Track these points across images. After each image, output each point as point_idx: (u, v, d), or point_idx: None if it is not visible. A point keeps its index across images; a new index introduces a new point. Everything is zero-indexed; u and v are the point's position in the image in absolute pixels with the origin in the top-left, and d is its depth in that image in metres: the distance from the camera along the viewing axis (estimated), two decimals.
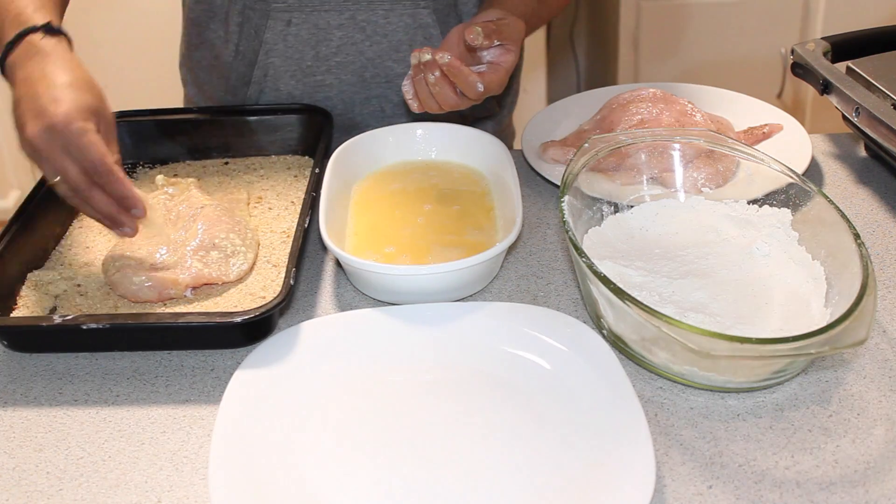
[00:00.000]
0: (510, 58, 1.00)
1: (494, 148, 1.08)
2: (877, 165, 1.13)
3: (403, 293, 0.91)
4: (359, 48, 1.17)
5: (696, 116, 1.09)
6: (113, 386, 0.86)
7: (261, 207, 1.06)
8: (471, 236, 0.98)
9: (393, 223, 1.01)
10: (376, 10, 1.15)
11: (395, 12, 1.15)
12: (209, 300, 0.92)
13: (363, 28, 1.15)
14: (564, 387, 0.81)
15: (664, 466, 0.75)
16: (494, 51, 0.99)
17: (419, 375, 0.84)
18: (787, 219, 0.92)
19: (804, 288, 0.87)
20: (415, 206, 1.04)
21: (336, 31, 1.15)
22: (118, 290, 0.92)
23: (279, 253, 0.99)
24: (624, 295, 0.78)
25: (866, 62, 1.09)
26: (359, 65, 1.18)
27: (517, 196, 0.97)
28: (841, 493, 0.72)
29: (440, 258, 0.95)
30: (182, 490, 0.75)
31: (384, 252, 0.96)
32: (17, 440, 0.80)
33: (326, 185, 1.00)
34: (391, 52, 1.17)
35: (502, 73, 0.99)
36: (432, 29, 1.17)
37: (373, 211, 1.03)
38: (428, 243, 0.97)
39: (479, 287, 0.94)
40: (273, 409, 0.80)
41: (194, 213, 0.98)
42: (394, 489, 0.73)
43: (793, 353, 0.74)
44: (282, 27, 1.15)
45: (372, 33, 1.16)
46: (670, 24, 2.31)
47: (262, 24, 1.15)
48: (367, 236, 0.99)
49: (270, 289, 0.93)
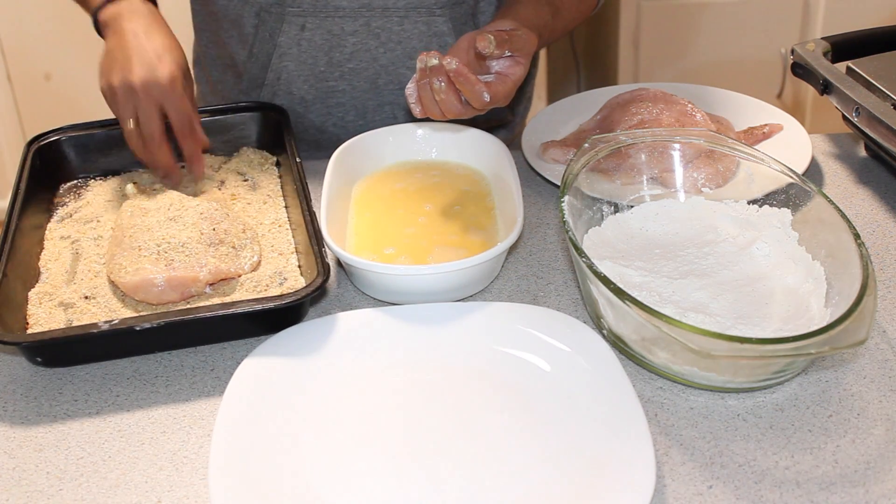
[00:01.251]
0: (519, 70, 0.97)
1: (495, 148, 1.07)
2: (877, 165, 1.13)
3: (405, 293, 0.91)
4: (373, 55, 1.16)
5: (696, 116, 1.09)
6: (113, 386, 0.86)
7: (240, 204, 1.05)
8: (472, 236, 0.98)
9: (394, 223, 1.01)
10: (391, 17, 1.14)
11: (410, 20, 1.15)
12: (233, 293, 0.92)
13: (377, 35, 1.15)
14: (564, 387, 0.81)
15: (664, 466, 0.75)
16: (504, 61, 0.97)
17: (419, 375, 0.84)
18: (787, 219, 0.92)
19: (804, 288, 0.87)
20: (416, 206, 1.04)
21: (350, 37, 1.15)
22: (138, 294, 0.91)
23: (280, 241, 0.99)
24: (624, 295, 0.78)
25: (866, 62, 1.09)
26: (372, 71, 1.17)
27: (518, 196, 0.97)
28: (841, 493, 0.72)
29: (441, 258, 0.95)
30: (182, 490, 0.75)
31: (385, 252, 0.96)
32: (17, 440, 0.80)
33: (327, 185, 0.99)
34: (405, 59, 1.17)
35: (510, 85, 0.96)
36: (448, 37, 1.16)
37: (374, 211, 1.03)
38: (429, 243, 0.97)
39: (481, 287, 0.94)
40: (273, 409, 0.80)
41: (190, 211, 0.98)
42: (394, 489, 0.73)
43: (793, 353, 0.74)
44: (296, 31, 1.15)
45: (386, 40, 1.15)
46: (670, 24, 2.31)
47: (276, 28, 1.15)
48: (368, 236, 0.99)
49: (285, 274, 0.94)
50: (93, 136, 1.11)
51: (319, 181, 1.03)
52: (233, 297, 0.91)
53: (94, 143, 1.11)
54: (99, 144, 1.11)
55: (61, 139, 1.10)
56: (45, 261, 0.98)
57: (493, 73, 0.97)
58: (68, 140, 1.10)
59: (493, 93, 0.94)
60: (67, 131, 1.11)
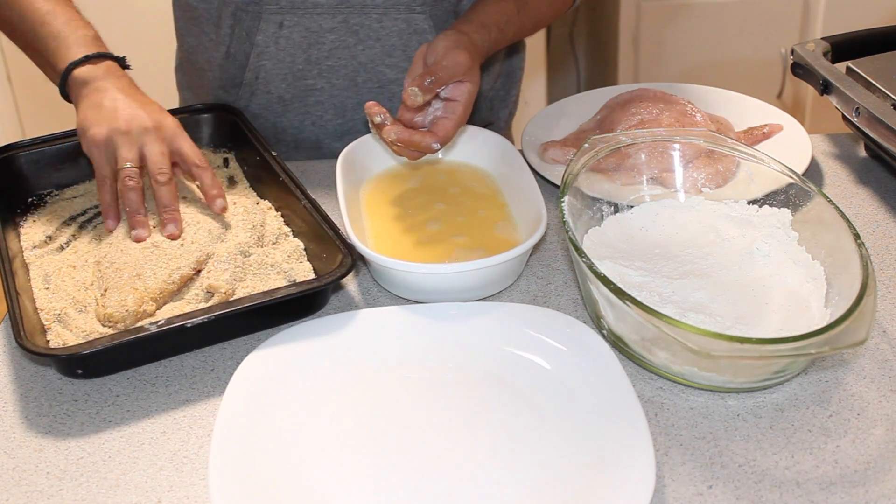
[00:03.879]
0: (465, 88, 0.99)
1: (500, 146, 1.08)
2: (877, 165, 1.13)
3: (432, 291, 0.91)
4: (351, 52, 1.16)
5: (696, 116, 1.09)
6: (113, 386, 0.85)
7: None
8: (493, 234, 0.99)
9: (411, 222, 1.01)
10: (370, 14, 1.13)
11: (390, 16, 1.14)
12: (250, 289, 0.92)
13: (356, 32, 1.14)
14: (564, 387, 0.81)
15: (664, 466, 0.75)
16: (446, 89, 0.99)
17: (419, 375, 0.84)
18: (787, 219, 0.92)
19: (804, 288, 0.87)
20: (428, 205, 1.04)
21: (328, 34, 1.14)
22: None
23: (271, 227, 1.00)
24: (624, 295, 0.78)
25: (866, 62, 1.09)
26: (351, 69, 1.17)
27: (536, 193, 0.97)
28: (841, 493, 0.72)
29: (464, 257, 0.95)
30: (182, 490, 0.75)
31: (408, 251, 0.96)
32: (17, 440, 0.80)
33: (340, 187, 1.00)
34: (384, 56, 1.16)
35: (459, 110, 0.99)
36: (429, 35, 1.15)
37: (388, 211, 1.03)
38: (450, 243, 0.98)
39: (506, 284, 0.94)
40: (274, 409, 0.80)
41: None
42: (394, 488, 0.73)
43: (793, 353, 0.74)
44: (273, 29, 1.14)
45: (365, 37, 1.15)
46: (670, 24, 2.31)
47: (253, 27, 1.14)
48: (387, 235, 0.99)
49: (292, 263, 0.94)
50: (45, 150, 1.09)
51: (304, 181, 1.03)
52: (248, 291, 0.91)
53: (47, 157, 1.09)
54: (53, 158, 1.09)
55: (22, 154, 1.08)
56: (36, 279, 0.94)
57: (441, 98, 1.00)
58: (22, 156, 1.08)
59: (441, 136, 0.98)
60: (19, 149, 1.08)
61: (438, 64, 0.98)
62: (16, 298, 0.88)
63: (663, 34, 2.32)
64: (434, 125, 0.99)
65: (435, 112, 1.00)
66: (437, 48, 1.00)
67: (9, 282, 0.91)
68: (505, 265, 0.91)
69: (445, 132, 0.98)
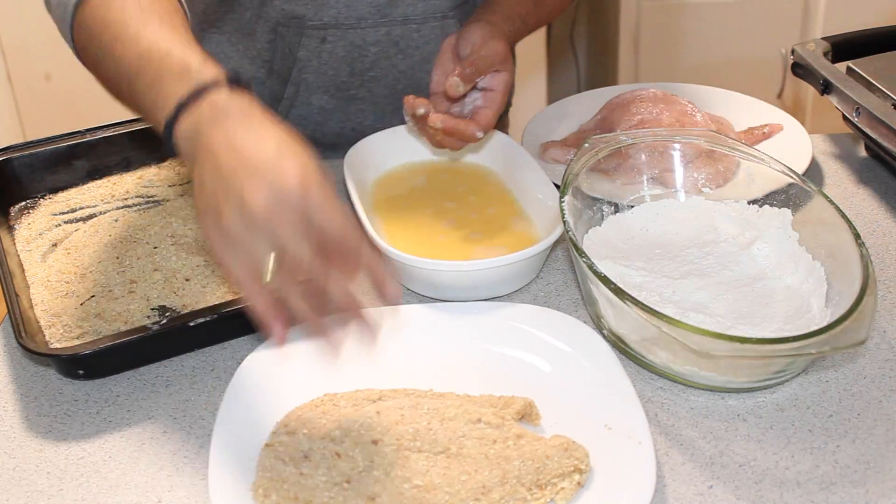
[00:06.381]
0: (502, 77, 1.00)
1: (501, 142, 1.09)
2: (877, 165, 1.13)
3: (459, 289, 0.91)
4: (392, 62, 1.17)
5: (696, 116, 1.09)
6: (113, 386, 0.85)
7: None
8: (510, 230, 0.99)
9: (424, 221, 1.01)
10: (409, 25, 1.15)
11: (427, 25, 1.15)
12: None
13: (397, 43, 1.16)
14: (565, 387, 0.81)
15: (664, 466, 0.75)
16: (484, 79, 1.00)
17: (418, 374, 0.84)
18: (787, 219, 0.92)
19: (804, 288, 0.87)
20: (438, 204, 1.04)
21: (372, 47, 1.15)
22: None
23: None
24: (624, 295, 0.78)
25: (866, 62, 1.09)
26: (392, 77, 1.18)
27: (549, 186, 0.98)
28: (841, 493, 0.72)
29: (486, 254, 0.94)
30: (182, 490, 0.75)
31: (430, 249, 0.96)
32: (17, 440, 0.80)
33: (351, 186, 1.00)
34: (423, 63, 1.18)
35: (498, 99, 1.00)
36: None
37: (398, 210, 1.03)
38: (469, 240, 0.98)
39: (529, 279, 0.95)
40: (274, 410, 0.80)
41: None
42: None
43: (793, 353, 0.74)
44: (316, 44, 1.14)
45: (405, 47, 1.16)
46: (670, 24, 2.31)
47: (295, 42, 1.14)
48: (403, 235, 0.99)
49: None
50: (36, 154, 1.07)
51: None
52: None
53: (40, 160, 1.07)
54: (46, 161, 1.08)
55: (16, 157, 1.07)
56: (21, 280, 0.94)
57: (479, 89, 1.01)
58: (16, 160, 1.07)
59: (483, 124, 0.98)
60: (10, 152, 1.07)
61: (477, 54, 0.99)
62: (15, 298, 0.88)
63: (663, 34, 2.32)
64: (475, 114, 1.00)
65: (474, 102, 1.02)
66: (471, 38, 1.01)
67: (8, 282, 0.91)
68: (530, 260, 0.91)
69: (487, 120, 0.99)
